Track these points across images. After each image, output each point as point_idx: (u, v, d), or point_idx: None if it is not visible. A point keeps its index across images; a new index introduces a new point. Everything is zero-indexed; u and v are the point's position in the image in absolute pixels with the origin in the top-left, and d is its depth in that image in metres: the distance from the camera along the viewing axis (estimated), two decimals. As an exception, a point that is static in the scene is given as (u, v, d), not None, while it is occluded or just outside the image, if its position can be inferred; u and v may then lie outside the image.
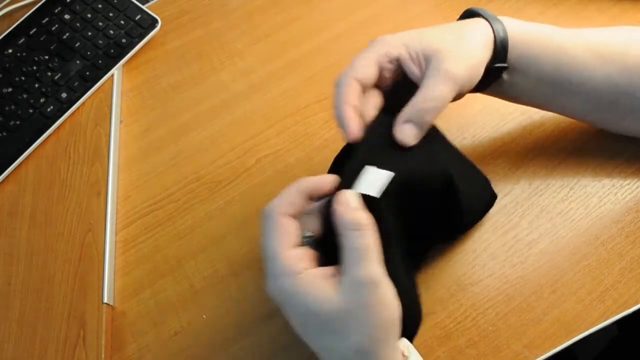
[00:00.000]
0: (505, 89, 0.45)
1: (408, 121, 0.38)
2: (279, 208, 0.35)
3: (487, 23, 0.43)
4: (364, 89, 0.40)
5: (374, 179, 0.36)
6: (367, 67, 0.39)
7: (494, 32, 0.42)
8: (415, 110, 0.38)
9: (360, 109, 0.39)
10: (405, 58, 0.40)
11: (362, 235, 0.33)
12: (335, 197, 0.35)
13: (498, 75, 0.44)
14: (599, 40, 0.44)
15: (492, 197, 0.48)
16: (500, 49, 0.42)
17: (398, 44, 0.40)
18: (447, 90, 0.39)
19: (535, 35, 0.43)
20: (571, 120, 0.52)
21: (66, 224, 0.51)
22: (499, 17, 0.43)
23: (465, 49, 0.40)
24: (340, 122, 0.38)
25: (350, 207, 0.34)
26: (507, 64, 0.43)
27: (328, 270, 0.34)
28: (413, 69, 0.40)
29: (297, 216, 0.36)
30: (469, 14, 0.45)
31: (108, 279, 0.48)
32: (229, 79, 0.59)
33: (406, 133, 0.38)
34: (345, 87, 0.39)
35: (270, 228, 0.35)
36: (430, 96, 0.38)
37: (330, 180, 0.37)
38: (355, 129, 0.38)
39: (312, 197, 0.37)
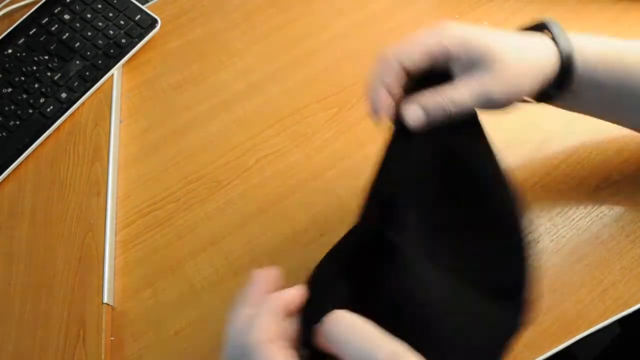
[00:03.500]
0: (556, 102, 0.43)
1: (419, 106, 0.37)
2: (264, 335, 0.31)
3: (554, 46, 0.39)
4: (404, 74, 0.38)
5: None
6: (418, 56, 0.37)
7: (560, 56, 0.39)
8: (432, 100, 0.37)
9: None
10: (456, 62, 0.38)
11: None
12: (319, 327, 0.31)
13: (550, 99, 0.42)
14: None
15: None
16: (562, 78, 0.40)
17: (458, 42, 0.37)
18: (472, 104, 0.37)
19: (601, 58, 0.40)
20: (570, 119, 0.51)
21: (66, 224, 0.51)
22: (567, 36, 0.40)
23: (519, 76, 0.38)
24: (373, 105, 0.37)
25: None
26: (564, 92, 0.41)
27: None
28: (457, 73, 0.38)
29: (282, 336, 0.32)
30: (539, 25, 0.42)
31: (108, 279, 0.48)
32: (229, 79, 0.59)
33: (411, 115, 0.37)
34: (388, 70, 0.37)
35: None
36: (454, 99, 0.37)
37: (299, 294, 0.33)
38: (384, 113, 0.37)
39: (290, 314, 0.33)
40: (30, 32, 0.60)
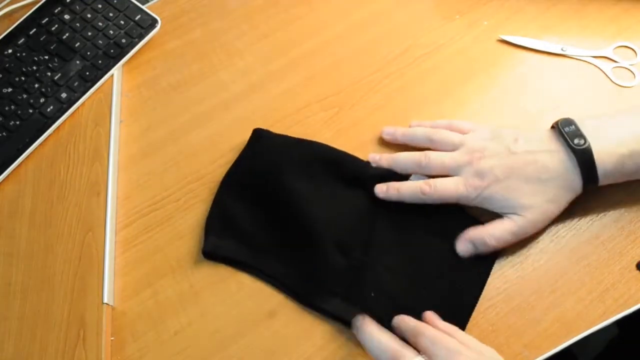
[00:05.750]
0: None
1: (470, 241, 0.46)
2: None
3: (577, 173, 0.44)
4: None
5: None
6: None
7: (583, 181, 0.44)
8: (480, 237, 0.46)
9: None
10: None
11: None
12: None
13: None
14: None
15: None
16: (587, 188, 0.45)
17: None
18: (512, 241, 0.46)
19: (623, 156, 0.44)
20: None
21: (66, 224, 0.51)
22: (587, 142, 0.44)
23: (544, 211, 0.45)
24: None
25: None
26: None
27: None
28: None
29: None
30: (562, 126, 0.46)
31: (108, 279, 0.48)
32: (229, 79, 0.59)
33: (464, 249, 0.46)
34: None
35: None
36: (498, 236, 0.45)
37: None
38: None
39: None
40: (30, 32, 0.60)
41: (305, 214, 0.48)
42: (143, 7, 0.62)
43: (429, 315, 0.44)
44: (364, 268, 0.46)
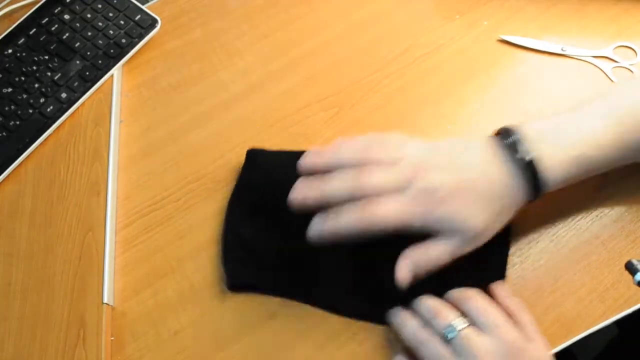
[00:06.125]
0: None
1: (409, 263, 0.41)
2: None
3: (523, 182, 0.41)
4: None
5: None
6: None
7: (529, 187, 0.41)
8: (416, 260, 0.41)
9: None
10: None
11: None
12: None
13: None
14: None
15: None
16: (535, 197, 0.42)
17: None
18: (448, 262, 0.42)
19: (571, 163, 0.42)
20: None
21: (66, 224, 0.51)
22: (532, 154, 0.41)
23: (489, 228, 0.42)
24: None
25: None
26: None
27: None
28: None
29: None
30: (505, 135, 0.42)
31: (108, 279, 0.48)
32: (229, 79, 0.59)
33: (402, 272, 0.41)
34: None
35: None
36: (434, 259, 0.41)
37: None
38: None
39: None
40: (30, 32, 0.60)
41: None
42: (143, 7, 0.62)
43: (499, 288, 0.43)
44: (382, 269, 0.45)
